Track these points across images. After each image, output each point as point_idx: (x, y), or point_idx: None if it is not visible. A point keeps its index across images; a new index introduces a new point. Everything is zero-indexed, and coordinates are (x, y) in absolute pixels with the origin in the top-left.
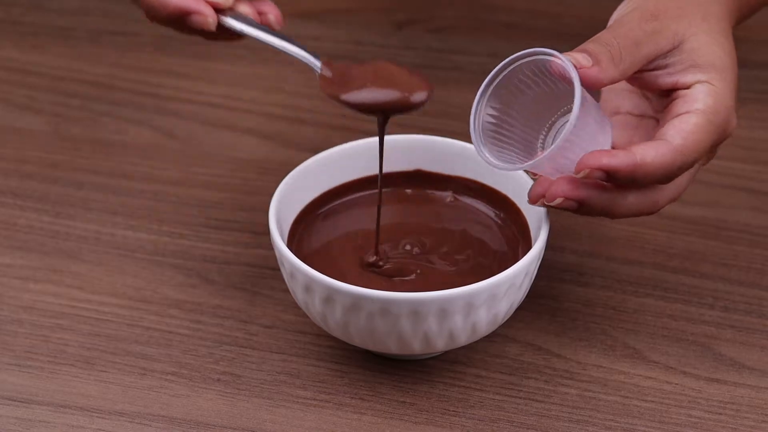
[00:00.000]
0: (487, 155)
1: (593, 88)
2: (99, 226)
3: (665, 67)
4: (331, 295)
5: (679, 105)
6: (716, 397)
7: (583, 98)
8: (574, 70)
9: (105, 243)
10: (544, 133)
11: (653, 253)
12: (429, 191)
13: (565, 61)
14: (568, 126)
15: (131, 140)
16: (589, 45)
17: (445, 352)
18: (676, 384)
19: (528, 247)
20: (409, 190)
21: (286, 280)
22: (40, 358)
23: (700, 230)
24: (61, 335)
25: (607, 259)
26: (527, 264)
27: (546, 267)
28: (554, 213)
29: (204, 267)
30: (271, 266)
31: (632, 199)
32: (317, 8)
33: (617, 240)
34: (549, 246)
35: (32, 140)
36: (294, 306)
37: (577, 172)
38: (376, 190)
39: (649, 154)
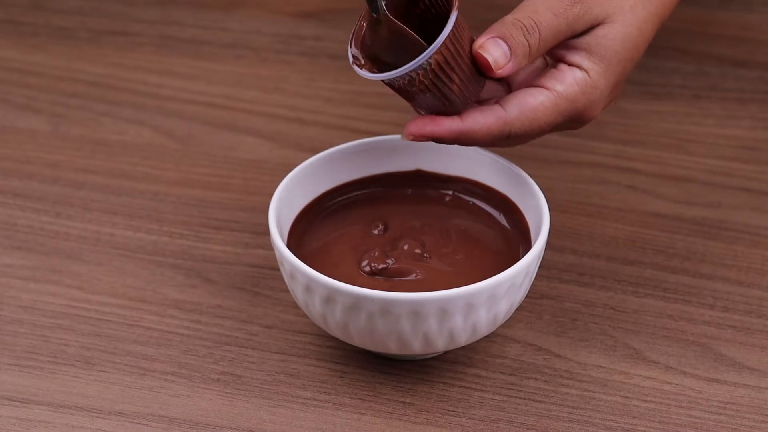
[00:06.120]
0: (353, 62)
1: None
2: (99, 226)
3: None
4: (331, 295)
5: (548, 76)
6: (716, 397)
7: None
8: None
9: (105, 243)
10: None
11: (653, 253)
12: (429, 191)
13: None
14: (437, 41)
15: (131, 140)
16: (510, 30)
17: (445, 352)
18: (676, 384)
19: (528, 247)
20: (409, 190)
21: (286, 280)
22: (40, 358)
23: (700, 230)
24: (61, 335)
25: (607, 259)
26: (527, 264)
27: (546, 267)
28: (555, 213)
29: (204, 267)
30: (271, 266)
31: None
32: (317, 8)
33: (617, 240)
34: (549, 246)
35: (32, 140)
36: (294, 306)
37: (406, 137)
38: (376, 190)
39: (477, 122)
